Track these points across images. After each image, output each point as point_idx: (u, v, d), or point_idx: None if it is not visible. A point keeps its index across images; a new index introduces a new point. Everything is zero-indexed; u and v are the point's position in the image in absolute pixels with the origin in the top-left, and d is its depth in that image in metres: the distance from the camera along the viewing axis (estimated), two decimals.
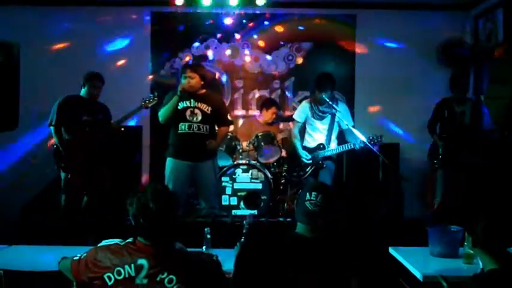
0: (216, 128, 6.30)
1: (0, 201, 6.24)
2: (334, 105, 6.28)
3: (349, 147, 6.34)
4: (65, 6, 8.11)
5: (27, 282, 3.24)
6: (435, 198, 6.81)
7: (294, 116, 6.78)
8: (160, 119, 6.16)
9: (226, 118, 6.45)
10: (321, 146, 6.54)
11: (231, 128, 7.24)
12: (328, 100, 6.24)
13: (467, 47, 7.97)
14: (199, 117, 6.08)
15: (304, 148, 6.64)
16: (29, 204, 7.14)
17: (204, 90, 6.19)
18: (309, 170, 6.59)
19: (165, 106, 6.12)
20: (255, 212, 6.95)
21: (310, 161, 6.56)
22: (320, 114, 6.49)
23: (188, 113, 6.09)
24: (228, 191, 7.11)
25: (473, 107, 6.59)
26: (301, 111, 6.67)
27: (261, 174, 7.14)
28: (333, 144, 6.56)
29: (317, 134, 6.60)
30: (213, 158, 6.29)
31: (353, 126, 6.38)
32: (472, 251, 3.63)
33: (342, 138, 6.60)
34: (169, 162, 6.22)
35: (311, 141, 6.64)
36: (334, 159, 6.66)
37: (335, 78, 6.47)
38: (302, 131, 6.74)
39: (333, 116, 6.45)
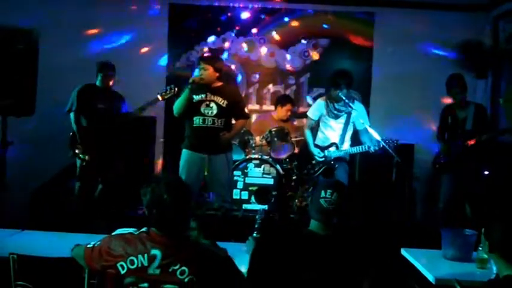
0: (234, 121, 6.27)
1: (13, 186, 6.24)
2: (350, 104, 6.22)
3: (363, 150, 6.25)
4: None
5: (39, 268, 3.24)
6: (439, 202, 6.74)
7: (308, 113, 6.73)
8: (174, 112, 6.13)
9: (244, 111, 6.35)
10: (334, 145, 6.48)
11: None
12: (344, 98, 6.18)
13: (486, 48, 7.90)
14: (214, 111, 6.02)
15: (316, 146, 6.57)
16: (41, 189, 7.18)
17: (220, 83, 6.12)
18: (320, 168, 6.54)
19: (178, 99, 6.10)
20: (265, 207, 6.94)
21: (323, 159, 6.52)
22: (335, 112, 6.39)
23: (203, 106, 6.03)
24: (240, 185, 7.11)
25: (476, 111, 6.49)
26: (316, 108, 6.60)
27: (273, 170, 7.13)
28: (346, 145, 6.49)
29: (330, 133, 6.53)
30: (227, 151, 6.22)
31: (369, 126, 6.28)
32: (486, 256, 3.61)
33: (355, 139, 6.55)
34: (184, 153, 6.20)
35: (323, 140, 6.57)
36: (347, 161, 6.59)
37: (352, 75, 6.41)
38: (314, 128, 6.69)
39: (349, 115, 6.37)
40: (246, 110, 6.39)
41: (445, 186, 6.64)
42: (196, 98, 6.02)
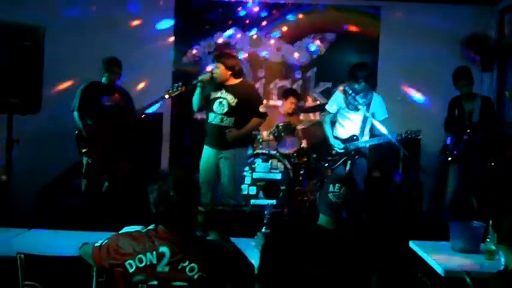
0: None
1: (20, 185, 6.27)
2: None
3: (385, 140, 6.20)
4: None
5: (47, 267, 3.24)
6: (447, 194, 6.73)
7: (326, 107, 6.68)
8: (193, 107, 6.35)
9: (257, 110, 6.23)
10: (354, 138, 6.44)
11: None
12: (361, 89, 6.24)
13: (491, 41, 7.88)
14: (225, 109, 6.08)
15: (336, 138, 6.53)
16: (47, 188, 7.20)
17: (236, 81, 6.18)
18: (340, 160, 6.48)
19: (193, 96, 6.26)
20: (273, 202, 6.94)
21: (343, 151, 6.47)
22: (355, 103, 6.34)
23: (217, 103, 6.12)
24: (248, 180, 7.12)
25: (483, 104, 6.47)
26: (334, 101, 6.57)
27: (280, 165, 7.14)
28: (366, 138, 6.47)
29: (350, 125, 6.49)
30: (237, 147, 6.19)
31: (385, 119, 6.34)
32: (493, 247, 3.61)
33: (372, 133, 6.54)
34: (204, 149, 6.36)
35: (343, 132, 6.53)
36: (368, 157, 6.57)
37: (369, 67, 6.40)
38: (333, 122, 6.67)
39: (368, 106, 6.33)
40: (263, 110, 6.27)
41: (452, 179, 6.63)
42: (213, 95, 6.15)
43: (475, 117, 6.41)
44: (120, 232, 2.96)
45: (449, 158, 6.57)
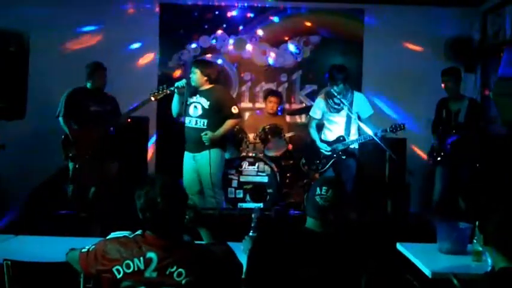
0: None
1: (7, 190, 6.24)
2: (343, 100, 6.25)
3: (369, 138, 6.19)
4: None
5: (34, 273, 3.22)
6: (434, 195, 6.75)
7: (310, 113, 6.73)
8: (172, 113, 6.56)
9: (230, 111, 6.40)
10: (341, 138, 6.46)
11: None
12: (339, 92, 6.24)
13: (475, 42, 7.93)
14: (199, 112, 6.36)
15: (323, 141, 6.57)
16: (34, 193, 7.15)
17: (210, 85, 6.42)
18: (328, 162, 6.50)
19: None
20: (261, 205, 6.94)
21: (330, 153, 6.49)
22: (336, 106, 6.41)
23: (192, 107, 6.39)
24: (235, 183, 7.11)
25: (470, 105, 6.50)
26: (317, 107, 6.63)
27: (267, 167, 7.13)
28: (353, 138, 6.48)
29: (336, 127, 6.52)
30: (212, 148, 6.31)
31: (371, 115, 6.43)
32: (480, 248, 3.62)
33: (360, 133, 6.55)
34: (184, 154, 6.59)
35: (329, 135, 6.57)
36: (357, 157, 6.58)
37: (347, 69, 6.43)
38: (320, 127, 6.71)
39: (351, 105, 6.34)
40: (235, 110, 6.41)
41: (439, 180, 6.67)
42: (189, 100, 6.37)
43: (461, 118, 6.44)
44: (107, 238, 2.93)
45: (439, 158, 6.59)
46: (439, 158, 6.56)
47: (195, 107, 6.37)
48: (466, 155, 6.47)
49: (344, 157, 6.46)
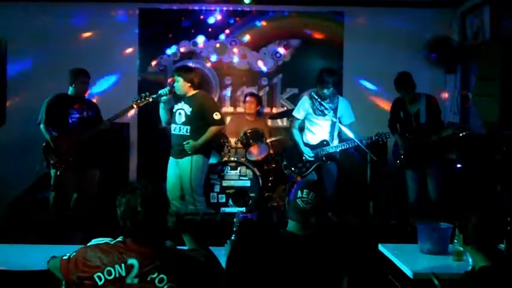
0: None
1: None
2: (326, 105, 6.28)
3: (354, 144, 6.20)
4: (51, 2, 8.04)
5: (16, 282, 3.20)
6: (409, 197, 6.75)
7: (293, 113, 6.70)
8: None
9: (212, 118, 6.36)
10: (325, 143, 6.47)
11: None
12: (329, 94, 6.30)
13: (454, 43, 7.98)
14: (182, 119, 6.38)
15: (306, 145, 6.56)
16: (15, 202, 7.08)
17: (193, 92, 6.43)
18: (311, 166, 6.52)
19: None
20: (243, 209, 6.93)
21: (313, 158, 6.50)
22: (322, 109, 6.38)
23: (176, 114, 6.43)
24: (217, 188, 7.12)
25: (427, 104, 6.44)
26: (301, 106, 6.59)
27: (249, 172, 7.15)
28: (335, 142, 6.51)
29: (319, 130, 6.52)
30: (193, 154, 6.30)
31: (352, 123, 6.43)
32: (461, 248, 3.64)
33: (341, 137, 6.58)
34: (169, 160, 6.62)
35: (313, 138, 6.56)
36: (338, 161, 6.61)
37: (337, 73, 6.45)
38: (302, 129, 6.70)
39: (335, 111, 6.37)
40: (217, 116, 6.37)
41: (410, 182, 6.67)
42: (175, 107, 6.44)
43: (422, 119, 6.43)
44: (88, 244, 2.92)
45: (398, 161, 6.61)
46: (398, 161, 6.58)
47: (179, 113, 6.39)
48: (436, 155, 6.45)
49: (328, 162, 6.49)
